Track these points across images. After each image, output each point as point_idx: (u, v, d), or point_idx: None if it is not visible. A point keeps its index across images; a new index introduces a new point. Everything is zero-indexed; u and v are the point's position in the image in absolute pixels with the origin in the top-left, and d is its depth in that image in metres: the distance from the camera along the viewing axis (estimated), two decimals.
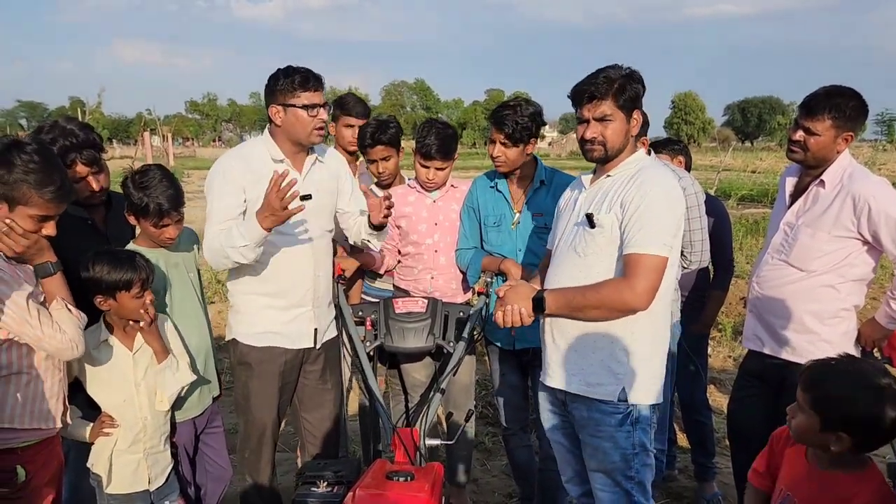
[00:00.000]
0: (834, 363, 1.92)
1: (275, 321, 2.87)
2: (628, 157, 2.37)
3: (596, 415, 2.33)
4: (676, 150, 3.73)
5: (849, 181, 2.67)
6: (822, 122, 2.69)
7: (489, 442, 4.48)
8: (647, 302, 2.21)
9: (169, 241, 2.67)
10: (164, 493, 2.63)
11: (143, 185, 2.56)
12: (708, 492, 3.73)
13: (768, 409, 3.02)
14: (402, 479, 2.27)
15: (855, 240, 2.67)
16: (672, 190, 2.28)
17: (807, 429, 1.91)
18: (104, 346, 2.47)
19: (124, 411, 2.49)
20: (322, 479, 2.40)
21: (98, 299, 2.40)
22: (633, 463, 2.33)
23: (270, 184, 2.48)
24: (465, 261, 3.25)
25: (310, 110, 2.71)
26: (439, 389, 2.86)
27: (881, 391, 1.79)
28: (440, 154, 3.18)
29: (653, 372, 2.35)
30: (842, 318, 2.77)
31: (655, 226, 2.20)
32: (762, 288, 2.91)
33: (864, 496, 1.86)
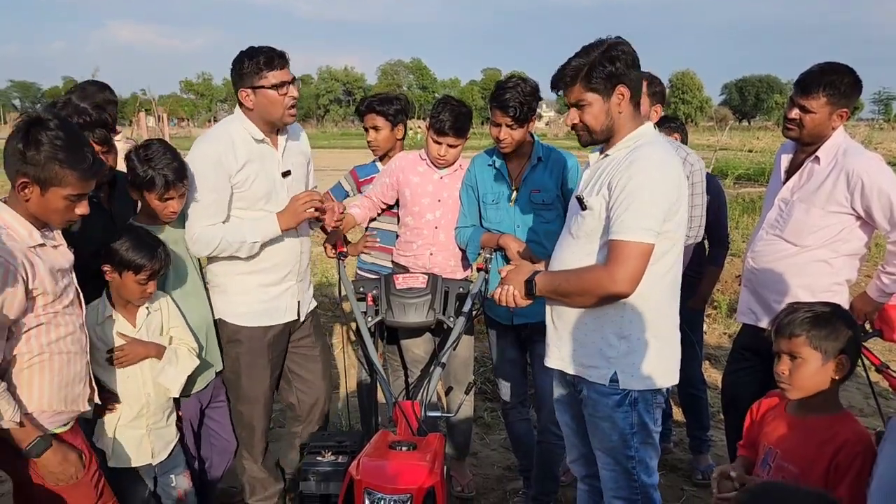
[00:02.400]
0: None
1: (260, 299, 2.93)
2: (630, 134, 2.26)
3: (594, 395, 2.33)
4: (673, 127, 3.77)
5: (843, 157, 2.71)
6: (817, 100, 2.73)
7: (488, 417, 4.55)
8: (628, 289, 2.14)
9: (172, 214, 2.69)
10: (168, 467, 2.69)
11: (148, 158, 2.58)
12: (703, 464, 3.81)
13: (762, 381, 3.09)
14: (404, 449, 2.33)
15: (848, 215, 2.72)
16: (664, 170, 2.16)
17: None
18: (108, 322, 2.51)
19: (127, 388, 2.53)
20: (326, 450, 2.46)
21: (106, 268, 2.44)
22: (632, 442, 2.30)
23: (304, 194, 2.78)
24: (464, 238, 3.28)
25: (279, 89, 2.72)
26: (440, 363, 2.92)
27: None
28: (453, 131, 3.20)
29: (649, 357, 2.27)
30: (834, 291, 2.83)
31: (640, 210, 2.11)
32: (756, 262, 2.96)
33: (845, 434, 1.97)
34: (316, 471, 2.38)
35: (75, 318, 2.18)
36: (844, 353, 2.00)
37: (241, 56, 2.75)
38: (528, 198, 3.13)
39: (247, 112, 2.81)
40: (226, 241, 2.75)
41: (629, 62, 2.21)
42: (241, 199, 2.83)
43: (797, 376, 2.03)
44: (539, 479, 3.33)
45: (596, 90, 2.21)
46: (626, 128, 2.28)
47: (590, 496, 2.64)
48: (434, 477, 2.21)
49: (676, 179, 2.20)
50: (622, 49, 2.20)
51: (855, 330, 2.07)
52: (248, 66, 2.70)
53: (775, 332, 2.09)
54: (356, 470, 2.22)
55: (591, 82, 2.20)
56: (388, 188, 3.46)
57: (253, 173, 2.81)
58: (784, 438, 2.12)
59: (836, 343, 2.00)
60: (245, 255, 2.79)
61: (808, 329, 2.00)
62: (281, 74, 2.73)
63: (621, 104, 2.23)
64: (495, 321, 3.27)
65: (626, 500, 2.38)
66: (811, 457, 2.00)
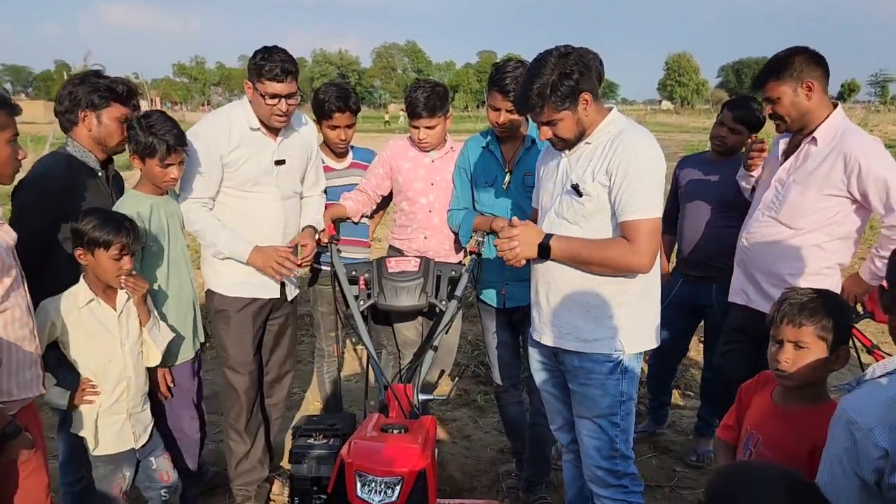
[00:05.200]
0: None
1: (246, 272, 3.05)
2: (602, 122, 2.38)
3: (587, 364, 2.42)
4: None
5: (841, 139, 2.69)
6: (772, 88, 2.77)
7: (481, 400, 4.56)
8: (651, 264, 2.31)
9: (172, 181, 2.76)
10: (149, 450, 2.70)
11: (150, 125, 2.67)
12: (702, 447, 3.83)
13: (753, 363, 3.10)
14: (396, 432, 2.34)
15: (844, 198, 2.70)
16: (653, 150, 2.32)
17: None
18: (89, 307, 2.48)
19: (109, 372, 2.52)
20: (318, 433, 2.47)
21: (78, 251, 2.43)
22: (620, 410, 2.43)
23: (280, 253, 2.96)
24: (456, 221, 3.27)
25: (270, 98, 2.86)
26: (432, 347, 2.92)
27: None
28: (426, 110, 3.17)
29: (644, 321, 2.46)
30: (825, 275, 2.82)
31: (645, 190, 2.25)
32: (750, 243, 2.95)
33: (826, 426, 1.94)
34: (307, 454, 2.38)
35: (20, 300, 2.13)
36: (844, 343, 1.99)
37: (258, 50, 2.90)
38: (522, 181, 3.11)
39: (249, 100, 2.99)
40: (202, 233, 2.97)
41: (582, 67, 2.26)
42: (230, 180, 2.98)
43: (799, 365, 1.99)
44: (531, 461, 3.35)
45: (564, 107, 2.29)
46: (595, 122, 2.38)
47: (576, 465, 2.72)
48: (425, 459, 2.22)
49: (661, 158, 2.35)
50: (572, 60, 2.26)
51: (850, 320, 2.07)
52: (255, 65, 2.86)
53: (780, 319, 2.03)
54: (347, 453, 2.22)
55: (557, 102, 2.27)
56: (383, 178, 3.43)
57: (243, 157, 2.95)
58: (767, 425, 2.11)
59: (840, 333, 1.98)
60: (210, 253, 3.01)
61: (819, 319, 1.97)
62: (278, 87, 2.85)
63: (587, 108, 2.32)
64: (488, 305, 3.27)
65: (607, 470, 2.47)
66: (792, 448, 1.99)
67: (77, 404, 2.49)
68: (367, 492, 2.14)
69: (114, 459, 2.57)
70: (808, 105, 2.74)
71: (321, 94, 3.46)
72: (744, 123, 3.55)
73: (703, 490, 2.19)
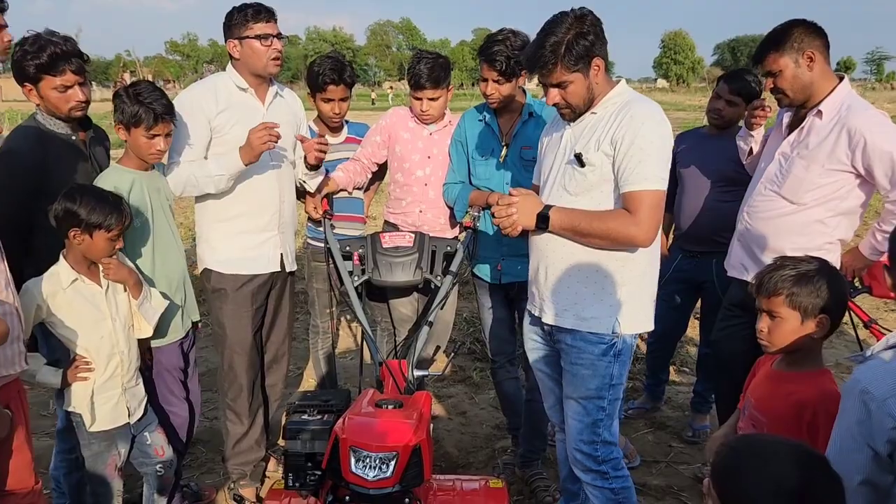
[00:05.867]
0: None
1: (243, 246, 3.02)
2: (610, 93, 2.32)
3: (580, 343, 2.38)
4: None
5: (846, 113, 2.63)
6: (773, 60, 2.70)
7: (477, 376, 4.55)
8: (652, 237, 2.26)
9: (158, 154, 2.70)
10: (143, 425, 2.67)
11: (137, 94, 2.60)
12: (698, 422, 3.83)
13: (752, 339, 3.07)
14: (390, 407, 2.31)
15: (848, 173, 2.65)
16: (661, 123, 2.26)
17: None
18: (74, 285, 2.43)
19: (102, 347, 2.48)
20: (312, 409, 2.44)
21: (73, 232, 2.37)
22: (607, 394, 2.39)
23: (259, 126, 2.76)
24: (452, 195, 3.23)
25: (263, 40, 2.87)
26: (427, 322, 2.88)
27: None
28: (430, 82, 3.12)
29: (642, 302, 2.40)
30: (826, 250, 2.78)
31: (651, 161, 2.20)
32: (751, 218, 2.91)
33: (810, 392, 1.96)
34: (301, 429, 2.35)
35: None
36: (826, 311, 1.97)
37: (231, 10, 2.92)
38: (519, 154, 3.07)
39: (234, 63, 2.97)
40: (193, 176, 2.85)
41: (598, 32, 2.24)
42: (218, 145, 2.92)
43: (775, 334, 2.03)
44: (527, 437, 3.34)
45: (577, 69, 2.23)
46: (604, 91, 2.32)
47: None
48: (420, 435, 2.19)
49: (669, 132, 2.29)
50: (590, 20, 2.22)
51: (840, 287, 2.03)
52: (236, 18, 2.88)
53: (756, 289, 2.08)
54: (342, 428, 2.19)
55: (571, 62, 2.21)
56: (379, 146, 3.38)
57: (231, 120, 2.91)
58: (760, 389, 2.15)
59: (816, 301, 1.96)
60: (213, 189, 2.88)
61: (788, 288, 1.98)
62: (266, 27, 2.88)
63: (598, 75, 2.28)
64: (483, 280, 3.24)
65: (587, 455, 2.44)
66: (779, 409, 2.02)
67: (70, 382, 2.45)
68: (362, 467, 2.11)
69: (109, 435, 2.54)
70: (811, 76, 2.68)
71: (315, 67, 3.41)
72: (740, 95, 3.50)
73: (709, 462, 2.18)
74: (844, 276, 2.83)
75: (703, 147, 3.64)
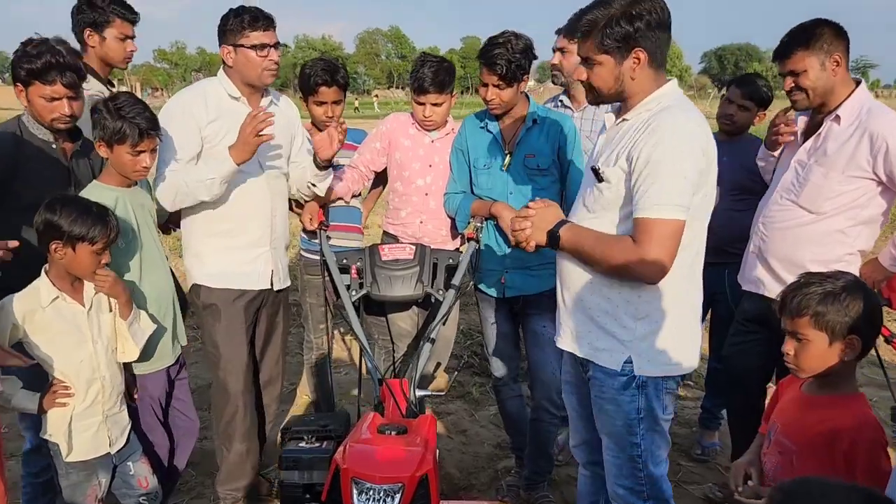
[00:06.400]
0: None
1: (234, 261, 2.87)
2: (649, 96, 2.01)
3: (600, 375, 2.15)
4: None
5: (867, 117, 2.52)
6: (800, 59, 2.57)
7: (477, 392, 4.40)
8: (659, 274, 1.95)
9: (143, 171, 2.52)
10: (125, 455, 2.50)
11: (118, 108, 2.42)
12: (707, 439, 3.69)
13: (768, 354, 2.95)
14: (394, 433, 2.16)
15: (869, 180, 2.54)
16: (689, 137, 1.93)
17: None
18: (55, 304, 2.27)
19: (82, 372, 2.32)
20: (309, 435, 2.28)
21: (54, 245, 2.21)
22: (638, 428, 2.12)
23: (247, 118, 2.58)
24: (453, 205, 3.09)
25: (259, 50, 2.71)
26: (429, 339, 2.73)
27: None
28: (434, 86, 2.99)
29: (667, 341, 2.08)
30: (846, 262, 2.67)
31: (666, 184, 1.89)
32: (768, 228, 2.78)
33: (845, 419, 1.83)
34: (299, 458, 2.19)
35: None
36: (856, 331, 1.82)
37: (227, 13, 2.76)
38: (523, 162, 2.94)
39: (227, 70, 2.81)
40: (184, 183, 2.67)
41: (654, 22, 1.94)
42: (210, 157, 2.74)
43: (803, 357, 1.88)
44: (533, 457, 3.19)
45: (608, 51, 1.98)
46: (643, 91, 2.03)
47: (592, 482, 2.48)
48: (426, 464, 2.04)
49: (700, 148, 1.94)
50: (647, 6, 1.94)
51: (871, 303, 1.87)
52: (232, 23, 2.71)
53: (780, 309, 1.93)
54: (342, 457, 2.04)
55: (604, 42, 1.97)
56: (379, 153, 3.24)
57: (223, 130, 2.74)
58: (787, 413, 2.01)
59: (844, 321, 1.81)
60: (207, 195, 2.68)
61: (814, 307, 1.83)
62: (264, 36, 2.72)
63: (636, 69, 1.99)
64: (486, 294, 3.10)
65: (630, 489, 2.21)
66: (809, 435, 1.88)
67: (47, 408, 2.28)
68: (365, 500, 1.96)
69: (88, 465, 2.36)
70: (833, 80, 2.57)
71: (307, 69, 3.28)
72: (752, 100, 3.39)
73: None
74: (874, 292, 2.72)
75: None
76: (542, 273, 2.96)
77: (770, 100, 3.38)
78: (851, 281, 1.89)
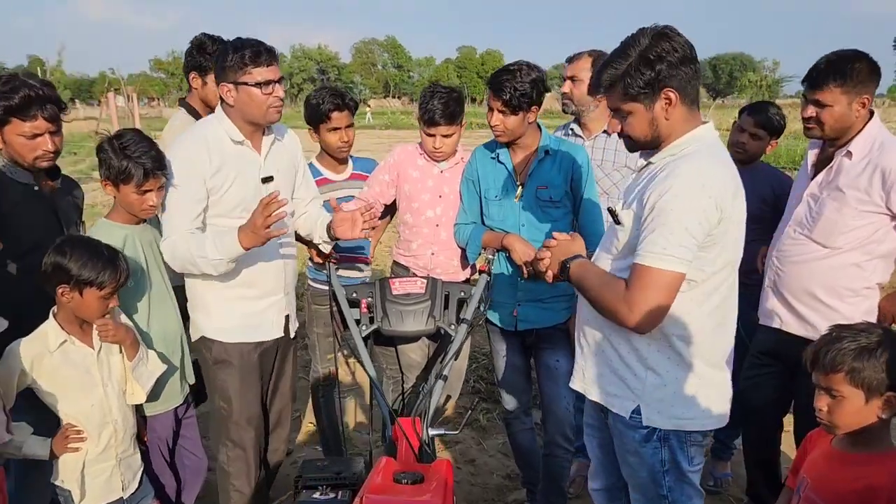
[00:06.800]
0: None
1: (247, 313, 2.71)
2: (680, 139, 1.96)
3: (620, 426, 2.11)
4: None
5: (879, 152, 2.50)
6: (831, 92, 2.52)
7: (484, 419, 4.34)
8: (643, 324, 1.87)
9: (150, 209, 2.47)
10: (137, 498, 2.46)
11: (123, 148, 2.37)
12: (720, 470, 3.64)
13: (782, 387, 2.92)
14: (410, 483, 2.10)
15: (883, 215, 2.51)
16: (701, 191, 1.83)
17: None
18: (63, 348, 2.23)
19: (93, 416, 2.27)
20: (323, 483, 2.23)
21: (62, 289, 2.16)
22: (664, 481, 2.08)
23: (259, 206, 2.37)
24: (464, 237, 3.04)
25: (264, 87, 2.50)
26: (441, 376, 2.68)
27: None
28: (445, 119, 2.95)
29: (682, 395, 2.01)
30: (864, 296, 2.64)
31: (667, 233, 1.82)
32: (782, 263, 2.75)
33: (883, 477, 1.76)
34: None
35: None
36: (894, 388, 1.75)
37: (225, 48, 2.54)
38: (535, 194, 2.90)
39: (227, 109, 2.59)
40: (191, 255, 2.49)
41: (676, 60, 1.88)
42: (216, 206, 2.60)
43: (837, 415, 1.81)
44: (545, 493, 3.14)
45: (636, 99, 1.93)
46: (678, 132, 1.97)
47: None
48: None
49: (718, 199, 1.85)
50: (666, 46, 1.88)
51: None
52: (231, 60, 2.48)
53: (811, 364, 1.85)
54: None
55: (629, 92, 1.92)
56: (388, 185, 3.19)
57: (228, 179, 2.58)
58: (818, 468, 1.94)
59: (882, 377, 1.74)
60: (214, 272, 2.52)
61: (849, 363, 1.76)
62: (268, 72, 2.50)
63: (668, 110, 1.93)
64: (497, 326, 3.05)
65: None
66: (842, 493, 1.81)
67: (59, 454, 2.23)
68: None
69: None
70: (854, 121, 2.54)
71: (313, 99, 3.24)
72: (765, 128, 3.36)
73: None
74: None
75: None
76: (554, 306, 2.93)
77: (782, 128, 3.34)
78: (886, 334, 1.82)
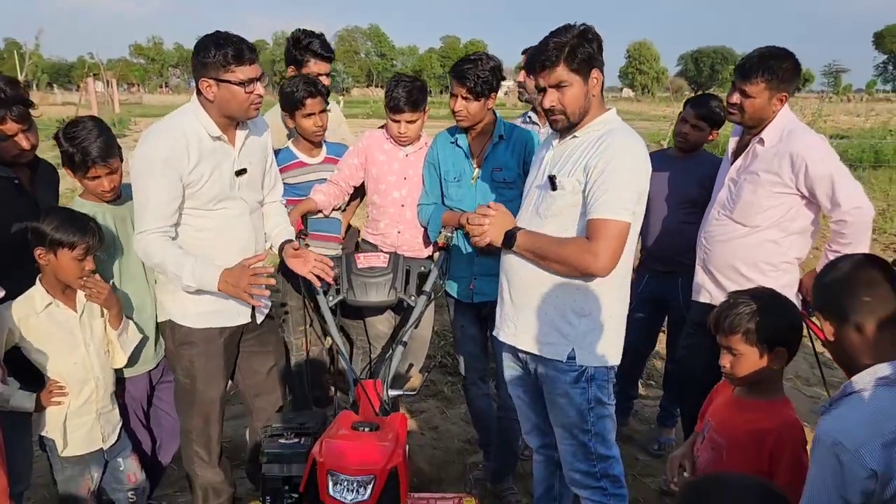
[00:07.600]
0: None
1: (211, 299, 2.69)
2: (596, 118, 2.34)
3: (552, 372, 2.41)
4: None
5: (787, 139, 2.78)
6: (757, 85, 2.80)
7: (448, 391, 4.61)
8: (608, 267, 2.23)
9: (105, 193, 2.61)
10: (116, 451, 2.67)
11: (72, 136, 2.49)
12: (664, 436, 3.94)
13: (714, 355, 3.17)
14: (366, 430, 2.34)
15: (794, 195, 2.79)
16: (638, 157, 2.28)
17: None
18: (48, 310, 2.43)
19: (75, 373, 2.48)
20: (288, 432, 2.46)
21: (38, 251, 2.37)
22: (589, 417, 2.40)
23: (248, 270, 2.50)
24: (425, 216, 3.28)
25: (246, 86, 2.52)
26: (401, 342, 2.92)
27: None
28: (409, 106, 3.17)
29: (605, 336, 2.38)
30: (783, 270, 2.91)
31: (619, 191, 2.20)
32: (709, 242, 3.03)
33: (772, 422, 2.05)
34: (278, 453, 2.38)
35: None
36: (782, 343, 2.06)
37: (206, 43, 2.49)
38: (490, 176, 3.14)
39: (205, 103, 2.60)
40: (162, 267, 2.57)
41: (599, 47, 2.28)
42: (191, 199, 2.63)
43: (737, 369, 2.11)
44: (499, 452, 3.40)
45: (578, 72, 2.26)
46: (595, 112, 2.35)
47: (545, 466, 2.75)
48: (396, 458, 2.23)
49: (646, 166, 2.31)
50: (594, 33, 2.27)
51: (792, 317, 2.13)
52: (213, 56, 2.47)
53: (714, 328, 2.16)
54: (319, 452, 2.22)
55: (574, 63, 2.24)
56: (357, 168, 3.41)
57: (206, 174, 2.61)
58: (720, 413, 2.24)
59: (772, 335, 2.05)
60: (179, 286, 2.60)
61: (744, 326, 2.06)
62: (249, 70, 2.52)
63: (595, 87, 2.30)
64: (455, 299, 3.30)
65: (585, 472, 2.48)
66: (738, 433, 2.11)
67: (44, 406, 2.45)
68: (340, 490, 2.15)
69: (82, 460, 2.54)
70: (770, 113, 2.82)
71: (287, 88, 3.41)
72: (705, 120, 3.62)
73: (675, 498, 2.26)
74: (800, 302, 2.95)
75: (668, 169, 3.76)
76: None
77: (722, 120, 3.60)
78: (773, 297, 2.14)
